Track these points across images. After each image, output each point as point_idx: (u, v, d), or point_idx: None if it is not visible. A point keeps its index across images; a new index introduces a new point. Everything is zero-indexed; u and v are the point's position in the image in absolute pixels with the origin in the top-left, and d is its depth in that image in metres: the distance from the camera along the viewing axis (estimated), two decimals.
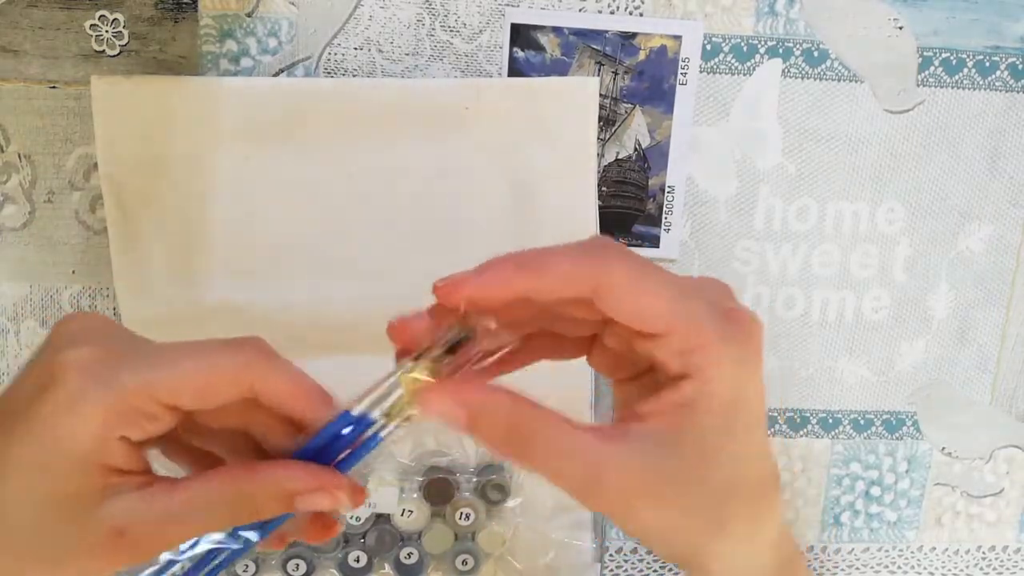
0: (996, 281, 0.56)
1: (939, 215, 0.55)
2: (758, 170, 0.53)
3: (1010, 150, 0.54)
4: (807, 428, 0.57)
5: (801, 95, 0.52)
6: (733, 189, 0.53)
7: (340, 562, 0.54)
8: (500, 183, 0.50)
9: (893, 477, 0.58)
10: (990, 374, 0.57)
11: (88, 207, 0.51)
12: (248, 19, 0.49)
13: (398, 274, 0.51)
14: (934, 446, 0.58)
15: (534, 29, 0.50)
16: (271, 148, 0.49)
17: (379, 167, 0.50)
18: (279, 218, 0.50)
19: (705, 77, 0.52)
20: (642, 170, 0.52)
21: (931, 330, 0.56)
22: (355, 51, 0.50)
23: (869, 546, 0.59)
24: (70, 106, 0.50)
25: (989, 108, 0.53)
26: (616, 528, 0.57)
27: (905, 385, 0.57)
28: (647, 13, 0.50)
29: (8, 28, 0.49)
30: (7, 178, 0.51)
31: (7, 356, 0.53)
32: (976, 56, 0.53)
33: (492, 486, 0.54)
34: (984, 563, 0.60)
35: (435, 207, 0.50)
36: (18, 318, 0.52)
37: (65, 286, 0.52)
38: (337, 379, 0.52)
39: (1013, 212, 0.55)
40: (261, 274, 0.51)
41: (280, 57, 0.50)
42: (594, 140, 0.51)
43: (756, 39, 0.51)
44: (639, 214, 0.53)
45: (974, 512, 0.59)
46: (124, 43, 0.49)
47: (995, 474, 0.59)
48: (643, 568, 0.58)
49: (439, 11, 0.50)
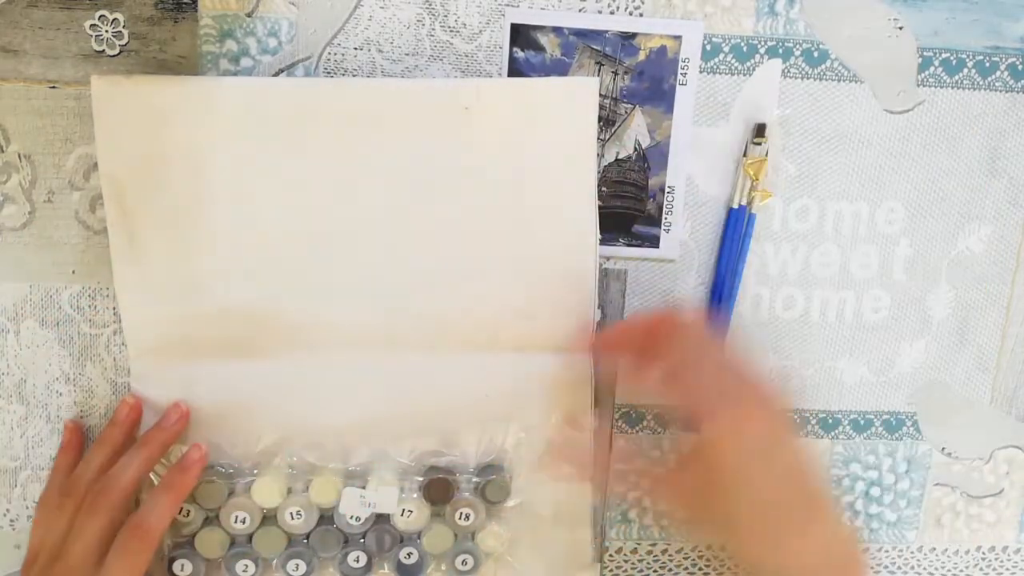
0: (996, 281, 0.56)
1: (939, 215, 0.55)
2: None
3: (1010, 150, 0.54)
4: (807, 428, 0.57)
5: (801, 95, 0.52)
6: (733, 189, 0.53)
7: (340, 562, 0.54)
8: (499, 182, 0.50)
9: (893, 477, 0.58)
10: (990, 374, 0.57)
11: (88, 207, 0.51)
12: (248, 19, 0.49)
13: (397, 272, 0.51)
14: (934, 446, 0.58)
15: (534, 29, 0.50)
16: (271, 147, 0.49)
17: (379, 166, 0.50)
18: (278, 216, 0.50)
19: (705, 77, 0.52)
20: (642, 170, 0.52)
21: (931, 330, 0.56)
22: (355, 51, 0.50)
23: (869, 546, 0.59)
24: (70, 106, 0.50)
25: (989, 108, 0.53)
26: (615, 528, 0.57)
27: (905, 385, 0.57)
28: (647, 13, 0.50)
29: (8, 28, 0.49)
30: (7, 178, 0.51)
31: (7, 356, 0.53)
32: (976, 56, 0.53)
33: (492, 486, 0.53)
34: (984, 563, 0.60)
35: (435, 205, 0.50)
36: (18, 318, 0.52)
37: (65, 286, 0.52)
38: (337, 377, 0.52)
39: (1013, 212, 0.55)
40: (260, 272, 0.51)
41: (280, 57, 0.50)
42: (594, 140, 0.51)
43: (756, 39, 0.51)
44: (639, 214, 0.53)
45: (974, 512, 0.59)
46: (124, 43, 0.49)
47: (995, 474, 0.59)
48: (643, 568, 0.58)
49: (439, 11, 0.50)
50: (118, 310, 0.51)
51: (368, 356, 0.52)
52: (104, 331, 0.53)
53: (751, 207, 0.53)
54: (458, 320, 0.52)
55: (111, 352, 0.53)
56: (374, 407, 0.53)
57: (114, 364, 0.53)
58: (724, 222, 0.53)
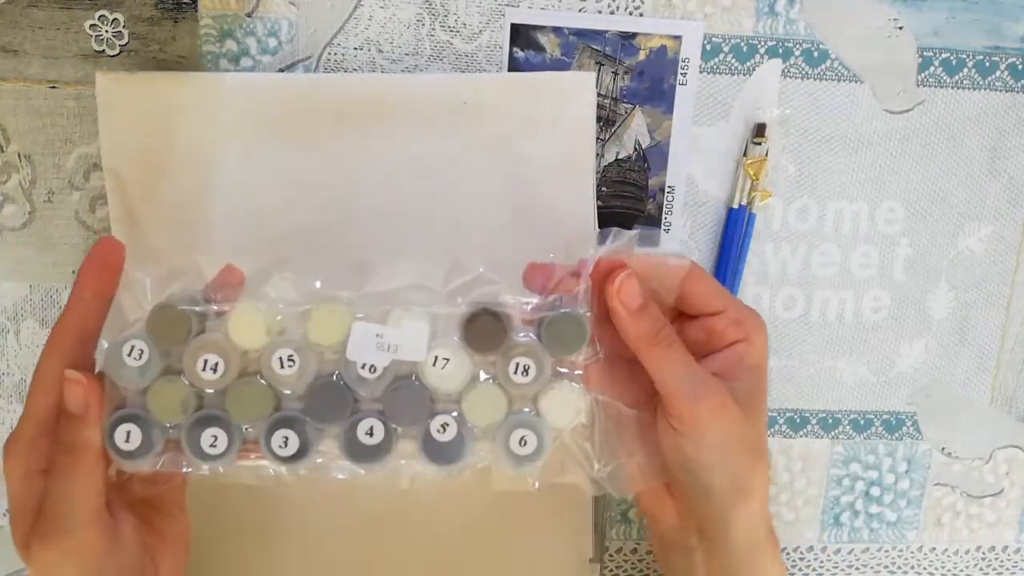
0: (996, 281, 0.56)
1: (939, 215, 0.55)
2: None
3: (1010, 150, 0.54)
4: (807, 428, 0.57)
5: (801, 95, 0.52)
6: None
7: (346, 434, 0.39)
8: (498, 177, 0.50)
9: (893, 477, 0.58)
10: (990, 374, 0.57)
11: (88, 207, 0.51)
12: (248, 19, 0.49)
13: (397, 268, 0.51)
14: (934, 446, 0.58)
15: (534, 29, 0.50)
16: (272, 143, 0.49)
17: (378, 162, 0.50)
18: (280, 212, 0.50)
19: (705, 77, 0.52)
20: (642, 170, 0.52)
21: (931, 330, 0.56)
22: (355, 51, 0.50)
23: (869, 546, 0.59)
24: (70, 106, 0.50)
25: (989, 108, 0.53)
26: (615, 528, 0.57)
27: (905, 385, 0.57)
28: (647, 13, 0.50)
29: (8, 28, 0.49)
30: (7, 178, 0.51)
31: (7, 356, 0.53)
32: (976, 56, 0.53)
33: (564, 324, 0.37)
34: (984, 563, 0.60)
35: (434, 202, 0.50)
36: (18, 318, 0.52)
37: (65, 286, 0.52)
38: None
39: (1013, 212, 0.55)
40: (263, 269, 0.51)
41: (280, 57, 0.50)
42: (592, 134, 0.51)
43: (756, 39, 0.51)
44: (639, 214, 0.53)
45: (974, 512, 0.59)
46: (124, 43, 0.49)
47: (995, 474, 0.59)
48: (643, 568, 0.58)
49: (439, 11, 0.50)
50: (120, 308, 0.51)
51: None
52: None
53: (751, 207, 0.53)
54: None
55: None
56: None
57: None
58: (724, 222, 0.54)
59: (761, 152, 0.52)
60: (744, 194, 0.53)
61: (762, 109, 0.52)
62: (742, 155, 0.52)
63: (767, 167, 0.52)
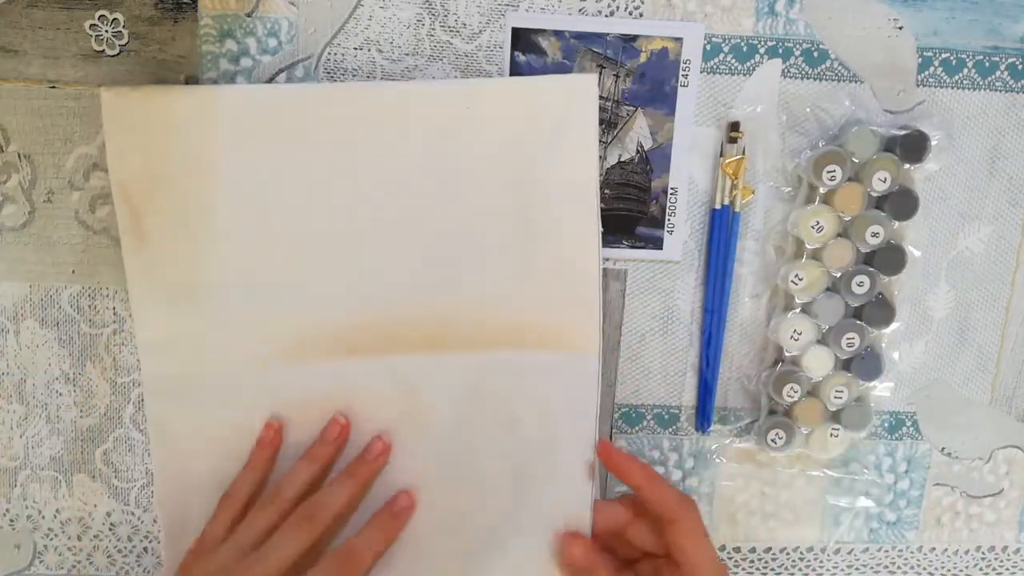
0: (996, 281, 0.56)
1: (939, 215, 0.55)
2: (758, 170, 0.53)
3: (1010, 150, 0.54)
4: None
5: (801, 95, 0.52)
6: None
7: None
8: (501, 181, 0.50)
9: (893, 477, 0.58)
10: (990, 374, 0.57)
11: (88, 207, 0.51)
12: (248, 19, 0.49)
13: (400, 274, 0.51)
14: (934, 446, 0.58)
15: (535, 33, 0.50)
16: (275, 152, 0.49)
17: (381, 168, 0.50)
18: (284, 221, 0.50)
19: (705, 77, 0.52)
20: (644, 172, 0.52)
21: (931, 330, 0.56)
22: (355, 51, 0.50)
23: (869, 546, 0.59)
24: (70, 106, 0.50)
25: (989, 108, 0.53)
26: None
27: (905, 385, 0.57)
28: (647, 14, 0.50)
29: (8, 28, 0.49)
30: (7, 178, 0.51)
31: (7, 356, 0.53)
32: (976, 56, 0.53)
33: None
34: (984, 563, 0.60)
35: (437, 207, 0.50)
36: (18, 318, 0.52)
37: (65, 286, 0.52)
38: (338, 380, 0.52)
39: (1013, 212, 0.55)
40: (268, 277, 0.51)
41: (280, 57, 0.50)
42: (595, 136, 0.50)
43: (756, 39, 0.51)
44: (642, 216, 0.53)
45: (974, 512, 0.59)
46: (124, 43, 0.49)
47: (995, 474, 0.59)
48: None
49: (439, 11, 0.50)
50: (124, 312, 0.51)
51: (371, 358, 0.52)
52: (104, 331, 0.52)
53: (734, 206, 0.53)
54: (459, 321, 0.52)
55: (111, 352, 0.53)
56: None
57: (114, 364, 0.53)
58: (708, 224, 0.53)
59: (737, 151, 0.52)
60: (725, 194, 0.52)
61: (735, 108, 0.52)
62: (719, 156, 0.52)
63: (745, 164, 0.52)
